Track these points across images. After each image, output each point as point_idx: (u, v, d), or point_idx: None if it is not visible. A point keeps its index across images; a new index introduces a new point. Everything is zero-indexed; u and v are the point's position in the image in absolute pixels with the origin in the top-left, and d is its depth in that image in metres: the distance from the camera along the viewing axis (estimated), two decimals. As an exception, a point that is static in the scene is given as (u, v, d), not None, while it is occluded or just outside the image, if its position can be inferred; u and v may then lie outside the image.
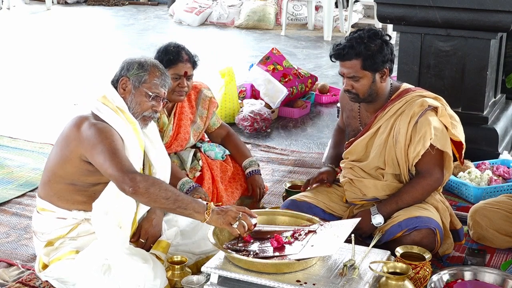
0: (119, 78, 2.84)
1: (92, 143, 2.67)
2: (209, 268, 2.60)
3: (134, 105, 2.82)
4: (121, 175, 2.58)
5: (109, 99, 2.80)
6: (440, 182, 3.11)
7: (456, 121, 3.14)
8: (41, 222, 2.87)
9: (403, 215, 3.00)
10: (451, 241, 3.12)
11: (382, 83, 3.06)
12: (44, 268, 2.85)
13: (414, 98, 3.08)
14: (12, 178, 4.21)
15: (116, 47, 8.30)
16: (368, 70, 3.00)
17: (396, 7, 4.27)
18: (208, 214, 2.60)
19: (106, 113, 2.76)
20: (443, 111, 3.07)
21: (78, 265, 2.70)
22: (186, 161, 3.53)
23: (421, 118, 3.02)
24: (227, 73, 5.31)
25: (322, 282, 2.50)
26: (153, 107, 2.84)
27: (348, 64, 3.02)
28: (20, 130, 5.12)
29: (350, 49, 2.99)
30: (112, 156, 2.62)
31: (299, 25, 9.58)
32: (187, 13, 9.76)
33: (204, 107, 3.66)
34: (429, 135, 2.99)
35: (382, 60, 3.01)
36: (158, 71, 2.86)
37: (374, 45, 2.99)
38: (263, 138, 5.02)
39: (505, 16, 3.99)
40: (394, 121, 3.08)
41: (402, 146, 3.04)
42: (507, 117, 4.60)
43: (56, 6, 11.46)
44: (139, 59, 2.88)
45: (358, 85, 3.03)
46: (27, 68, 7.37)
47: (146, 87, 2.82)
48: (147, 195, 2.58)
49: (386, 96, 3.12)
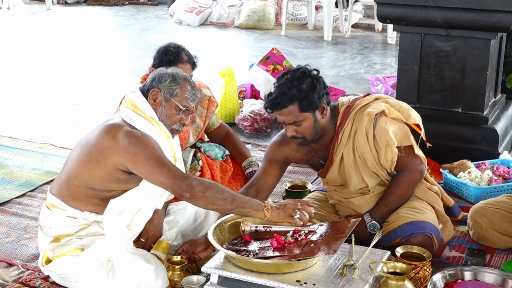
0: (150, 89, 2.83)
1: (133, 152, 2.66)
2: (209, 268, 2.60)
3: (164, 118, 2.82)
4: (176, 182, 2.63)
5: (139, 108, 2.79)
6: (422, 172, 3.09)
7: (406, 107, 3.10)
8: (50, 217, 2.87)
9: (397, 220, 2.99)
10: (451, 224, 3.13)
11: (324, 118, 2.98)
12: (47, 263, 2.85)
13: (358, 113, 3.03)
14: (12, 178, 4.21)
15: (116, 47, 8.30)
16: (307, 111, 2.91)
17: (396, 7, 4.26)
18: (268, 210, 2.67)
19: (140, 122, 2.76)
20: (389, 109, 3.03)
21: (82, 263, 2.70)
22: (186, 161, 3.53)
23: (376, 130, 2.98)
24: (227, 73, 5.31)
25: (322, 282, 2.50)
26: (182, 120, 2.84)
27: (286, 111, 2.90)
28: (20, 130, 5.12)
29: (282, 96, 2.88)
30: (159, 164, 2.65)
31: (299, 25, 9.58)
32: (187, 13, 9.76)
33: (203, 106, 3.66)
34: (392, 142, 2.97)
35: (317, 97, 2.91)
36: (189, 85, 2.86)
37: (305, 85, 2.89)
38: (263, 138, 5.02)
39: (505, 16, 3.99)
40: (352, 144, 3.03)
41: (373, 162, 3.02)
42: (507, 117, 4.60)
43: (56, 6, 11.45)
44: (171, 71, 2.87)
45: (302, 129, 2.95)
46: (27, 68, 7.36)
47: (177, 100, 2.82)
48: (204, 198, 2.64)
49: (333, 125, 3.06)
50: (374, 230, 3.02)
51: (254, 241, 2.75)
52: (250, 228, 2.77)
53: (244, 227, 2.77)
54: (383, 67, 7.23)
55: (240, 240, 2.76)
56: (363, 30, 9.29)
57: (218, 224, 2.78)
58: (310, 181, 3.97)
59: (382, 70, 7.06)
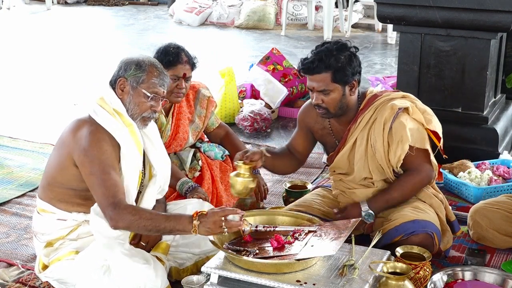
0: (117, 79, 2.80)
1: (82, 159, 2.67)
2: (209, 268, 2.60)
3: (132, 106, 2.78)
4: (105, 207, 2.62)
5: (106, 101, 2.77)
6: (431, 178, 3.09)
7: (430, 114, 3.11)
8: (42, 223, 2.87)
9: (400, 218, 2.99)
10: (450, 234, 3.12)
11: (351, 96, 3.02)
12: (44, 269, 2.84)
13: (382, 103, 3.05)
14: (12, 178, 4.21)
15: (116, 47, 8.30)
16: (338, 83, 2.95)
17: (396, 7, 4.27)
18: (195, 232, 2.57)
19: (102, 116, 2.73)
20: (414, 108, 3.05)
21: (78, 266, 2.69)
22: (185, 161, 3.53)
23: (395, 123, 2.99)
24: (227, 73, 5.31)
25: (322, 282, 2.50)
26: (152, 107, 2.80)
27: (318, 77, 2.95)
28: (20, 130, 5.12)
29: (319, 62, 2.92)
30: (99, 182, 2.63)
31: (299, 25, 9.58)
32: (187, 13, 9.76)
33: (203, 107, 3.66)
34: (406, 139, 2.97)
35: (352, 72, 2.96)
36: (156, 71, 2.80)
37: (343, 57, 2.94)
38: (263, 138, 5.02)
39: (505, 16, 3.99)
40: (368, 131, 3.05)
41: (382, 154, 3.03)
42: (507, 117, 4.61)
43: (56, 6, 11.46)
44: (137, 58, 2.83)
45: (328, 99, 2.97)
46: (27, 68, 7.37)
47: (144, 88, 2.77)
48: (126, 229, 2.66)
49: (356, 107, 3.09)
50: (368, 219, 3.02)
51: (254, 241, 2.75)
52: (250, 228, 2.77)
53: (244, 227, 2.77)
54: (383, 67, 7.23)
55: (240, 240, 2.76)
56: (363, 30, 9.29)
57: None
58: (310, 181, 3.98)
59: (382, 70, 7.06)
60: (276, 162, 3.21)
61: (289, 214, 2.96)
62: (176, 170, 3.41)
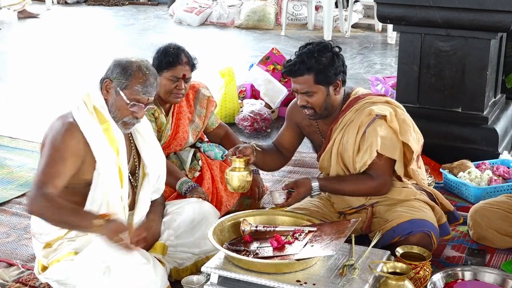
0: (104, 79, 2.78)
1: (46, 140, 2.72)
2: (209, 268, 2.60)
3: (114, 110, 2.75)
4: (33, 187, 2.65)
5: (90, 98, 2.76)
6: (386, 189, 3.08)
7: (409, 124, 3.07)
8: (40, 223, 2.86)
9: (396, 218, 2.99)
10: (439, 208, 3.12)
11: (336, 95, 3.03)
12: (43, 270, 2.83)
13: (363, 106, 3.05)
14: (12, 178, 4.21)
15: (116, 47, 8.31)
16: (321, 84, 2.96)
17: (396, 7, 4.27)
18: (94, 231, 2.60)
19: (79, 112, 2.73)
20: (392, 117, 3.02)
21: (78, 267, 2.68)
22: (185, 161, 3.53)
23: (369, 128, 2.99)
24: (227, 73, 5.31)
25: (322, 282, 2.50)
26: (134, 114, 2.75)
27: (301, 79, 2.96)
28: (20, 130, 5.12)
29: (301, 64, 2.93)
30: (45, 163, 2.66)
31: (299, 25, 9.58)
32: (187, 13, 9.76)
33: (202, 106, 3.66)
34: (375, 146, 2.96)
35: (334, 72, 2.96)
36: (141, 77, 2.72)
37: (325, 58, 2.94)
38: (263, 138, 5.02)
39: (505, 16, 3.99)
40: (344, 130, 3.07)
41: (350, 155, 3.03)
42: (507, 117, 4.61)
43: (56, 6, 11.46)
44: (126, 61, 2.76)
45: (313, 100, 2.99)
46: (27, 68, 7.37)
47: (126, 94, 2.73)
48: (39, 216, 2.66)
49: (340, 107, 3.10)
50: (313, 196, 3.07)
51: (254, 241, 2.75)
52: (250, 228, 2.78)
53: (244, 227, 2.77)
54: (383, 67, 7.23)
55: (240, 240, 2.76)
56: (363, 30, 9.29)
57: (218, 224, 2.78)
58: (310, 181, 3.97)
59: (382, 70, 7.06)
60: (266, 157, 3.23)
61: (289, 214, 2.96)
62: (176, 170, 3.41)
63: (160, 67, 3.38)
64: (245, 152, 3.03)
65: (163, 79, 3.38)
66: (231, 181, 2.93)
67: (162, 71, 3.38)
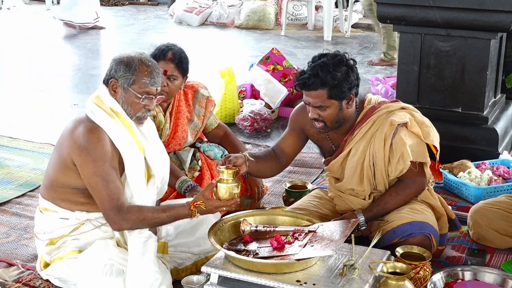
0: (109, 79, 2.77)
1: (84, 158, 2.66)
2: (209, 268, 2.60)
3: (126, 107, 2.76)
4: (108, 211, 2.66)
5: (103, 101, 2.75)
6: (423, 189, 3.10)
7: (428, 126, 3.08)
8: (44, 221, 2.87)
9: (397, 220, 2.99)
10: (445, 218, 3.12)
11: (348, 108, 2.99)
12: (45, 267, 2.85)
13: (380, 117, 3.03)
14: (12, 178, 4.21)
15: (116, 47, 8.30)
16: (334, 99, 2.91)
17: (396, 7, 4.27)
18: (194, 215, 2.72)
19: (100, 116, 2.72)
20: (412, 122, 3.02)
21: (80, 265, 2.69)
22: (185, 161, 3.53)
23: (395, 139, 2.98)
24: (227, 73, 5.31)
25: (322, 282, 2.50)
26: (146, 107, 2.78)
27: (314, 94, 2.90)
28: (20, 130, 5.12)
29: (315, 78, 2.86)
30: (103, 184, 2.64)
31: (299, 25, 9.58)
32: (187, 13, 9.76)
33: (202, 106, 3.66)
34: (407, 156, 2.96)
35: (348, 87, 2.91)
36: (146, 69, 2.75)
37: (340, 74, 2.87)
38: (263, 138, 5.02)
39: (505, 16, 3.99)
40: (366, 143, 3.03)
41: (382, 168, 3.02)
42: (507, 117, 4.61)
43: (56, 6, 11.43)
44: (127, 57, 2.76)
45: (325, 114, 2.94)
46: (27, 68, 7.37)
47: (135, 89, 2.74)
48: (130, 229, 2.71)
49: (354, 118, 3.06)
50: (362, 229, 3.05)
51: (254, 241, 2.75)
52: (250, 228, 2.77)
53: (244, 227, 2.77)
54: (383, 67, 7.23)
55: (240, 240, 2.76)
56: (363, 30, 9.29)
57: (218, 224, 2.78)
58: (310, 181, 3.98)
59: (382, 70, 7.06)
60: (260, 166, 3.12)
61: (289, 214, 2.96)
62: (176, 169, 3.41)
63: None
64: (236, 162, 2.93)
65: None
66: (217, 192, 2.78)
67: None
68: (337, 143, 3.14)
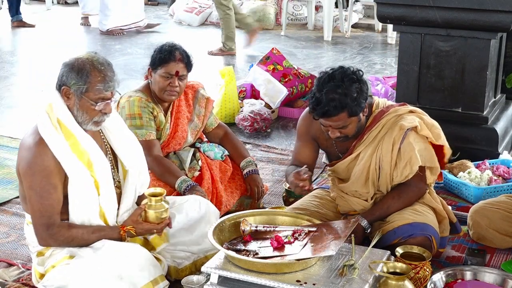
0: (61, 86, 2.69)
1: (24, 172, 2.65)
2: (209, 268, 2.60)
3: (81, 114, 2.68)
4: (38, 227, 2.66)
5: (53, 109, 2.69)
6: (424, 193, 3.10)
7: (438, 128, 3.09)
8: (30, 233, 2.80)
9: (398, 220, 2.99)
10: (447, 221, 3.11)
11: (363, 116, 3.00)
12: (41, 278, 2.77)
13: (390, 120, 3.04)
14: (12, 178, 4.21)
15: (116, 47, 8.30)
16: (354, 115, 2.91)
17: (396, 7, 4.27)
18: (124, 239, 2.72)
19: (46, 128, 2.66)
20: (421, 125, 3.02)
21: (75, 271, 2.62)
22: (185, 161, 3.53)
23: (403, 144, 2.98)
24: (227, 73, 5.31)
25: (322, 282, 2.50)
26: (102, 111, 2.69)
27: (335, 118, 2.88)
28: (20, 130, 5.12)
29: (334, 106, 2.83)
30: (37, 200, 2.62)
31: (299, 25, 9.58)
32: (187, 13, 9.76)
33: (202, 106, 3.66)
34: (416, 161, 2.96)
35: (364, 100, 2.92)
36: (99, 75, 2.64)
37: (355, 93, 2.86)
38: (263, 138, 5.02)
39: (505, 16, 3.99)
40: (375, 147, 3.03)
41: (387, 172, 3.02)
42: (507, 117, 4.61)
43: (56, 6, 11.44)
44: (78, 64, 2.66)
45: (347, 130, 2.95)
46: (27, 68, 7.36)
47: (89, 97, 2.64)
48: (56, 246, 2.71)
49: (363, 123, 3.06)
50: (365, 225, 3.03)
51: (254, 241, 2.75)
52: (250, 228, 2.78)
53: (244, 227, 2.77)
54: (383, 67, 7.23)
55: (240, 240, 2.76)
56: (363, 30, 9.29)
57: (218, 224, 2.78)
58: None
59: (382, 70, 7.06)
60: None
61: (289, 214, 2.96)
62: (175, 169, 3.41)
63: (154, 64, 3.39)
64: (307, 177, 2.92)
65: (157, 76, 3.39)
66: (146, 217, 2.76)
67: (156, 69, 3.39)
68: (342, 149, 3.14)
